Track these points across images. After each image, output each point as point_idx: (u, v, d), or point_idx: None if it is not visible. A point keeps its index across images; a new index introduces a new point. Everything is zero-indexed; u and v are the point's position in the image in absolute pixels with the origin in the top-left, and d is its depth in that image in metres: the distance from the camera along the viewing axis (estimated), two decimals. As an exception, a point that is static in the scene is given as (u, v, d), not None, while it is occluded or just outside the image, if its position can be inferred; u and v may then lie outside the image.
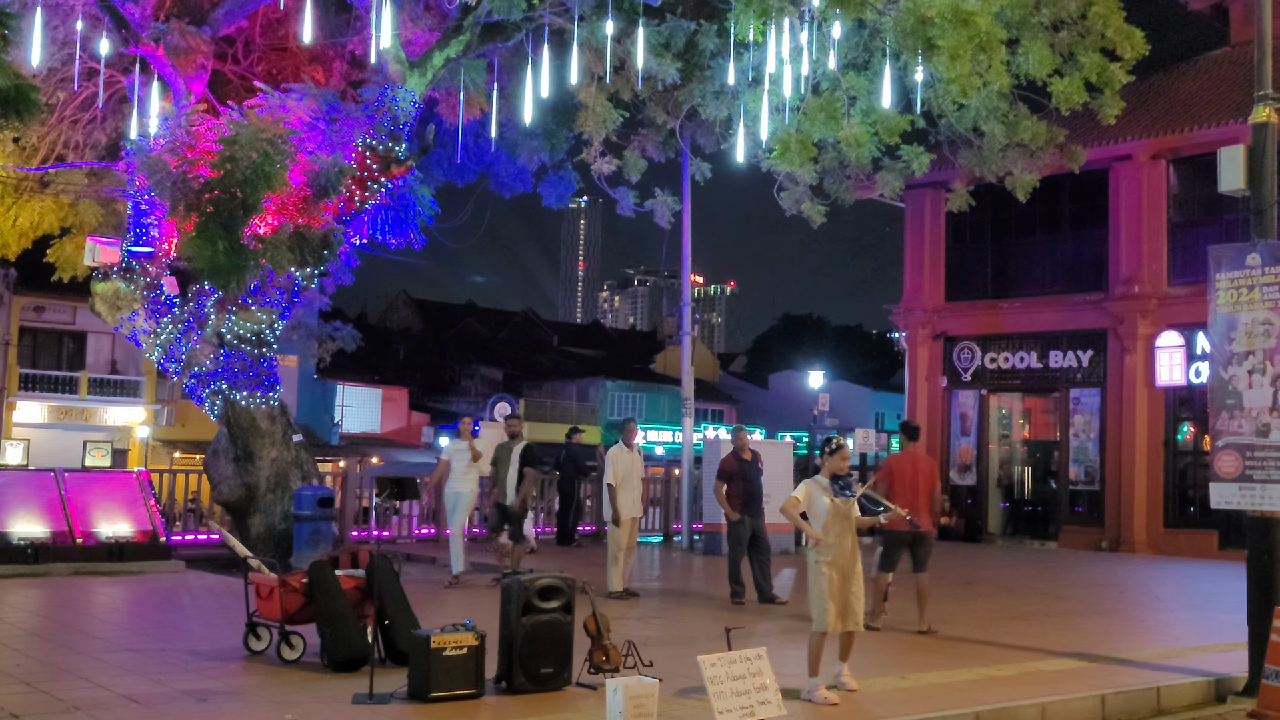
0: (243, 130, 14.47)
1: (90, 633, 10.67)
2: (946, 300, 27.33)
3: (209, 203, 14.50)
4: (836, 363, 67.51)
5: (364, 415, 53.78)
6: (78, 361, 44.87)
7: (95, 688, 8.28)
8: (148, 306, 16.37)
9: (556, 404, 63.31)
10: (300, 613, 9.36)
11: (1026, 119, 17.63)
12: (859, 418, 51.85)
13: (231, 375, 16.16)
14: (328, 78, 18.14)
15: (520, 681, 8.45)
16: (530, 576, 8.74)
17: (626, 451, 14.42)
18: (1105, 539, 24.05)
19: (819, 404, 27.75)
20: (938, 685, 9.28)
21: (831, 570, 8.84)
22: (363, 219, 17.16)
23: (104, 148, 18.28)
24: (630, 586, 14.35)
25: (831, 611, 8.79)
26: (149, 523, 15.84)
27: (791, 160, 16.61)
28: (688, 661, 8.59)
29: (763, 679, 7.51)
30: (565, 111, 19.12)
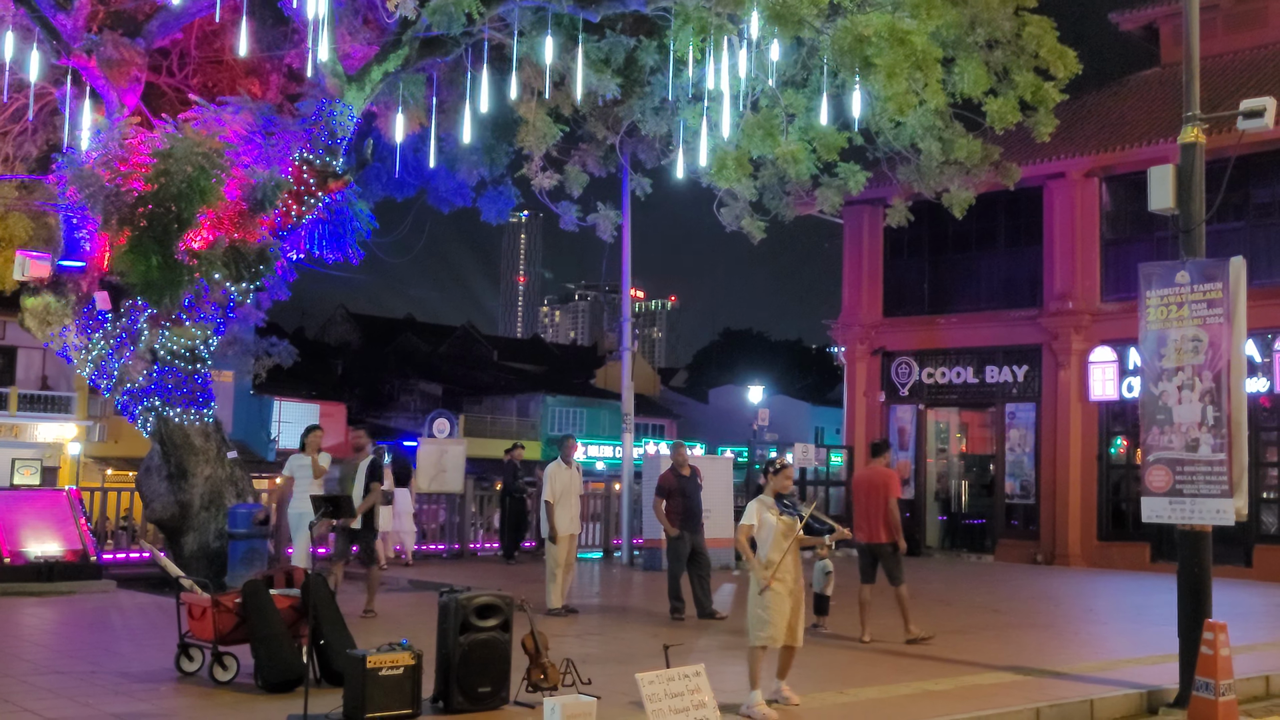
0: (177, 144, 14.30)
1: (17, 654, 10.45)
2: (884, 315, 27.55)
3: (143, 217, 14.31)
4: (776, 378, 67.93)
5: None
6: (7, 377, 44.03)
7: (21, 711, 8.11)
8: (79, 322, 16.10)
9: (497, 419, 63.06)
10: (234, 633, 9.23)
11: (962, 137, 17.84)
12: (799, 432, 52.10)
13: (165, 392, 15.91)
14: (264, 91, 17.97)
15: (458, 701, 8.39)
16: (468, 595, 8.67)
17: (564, 468, 14.36)
18: (1041, 552, 24.32)
19: (758, 419, 27.83)
20: (876, 700, 9.32)
21: (779, 588, 8.89)
22: (300, 234, 16.99)
23: (35, 160, 17.96)
24: (569, 603, 14.29)
25: (777, 631, 8.85)
26: (79, 542, 15.55)
27: (729, 177, 16.69)
28: (627, 679, 8.55)
29: (701, 696, 7.50)
30: (505, 126, 19.10)
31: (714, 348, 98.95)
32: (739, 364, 78.94)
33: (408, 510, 20.25)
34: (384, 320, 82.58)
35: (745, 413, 46.80)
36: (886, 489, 12.73)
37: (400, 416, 61.35)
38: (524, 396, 66.27)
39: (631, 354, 23.61)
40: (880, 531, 12.66)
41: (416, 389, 65.13)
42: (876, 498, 12.69)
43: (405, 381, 65.97)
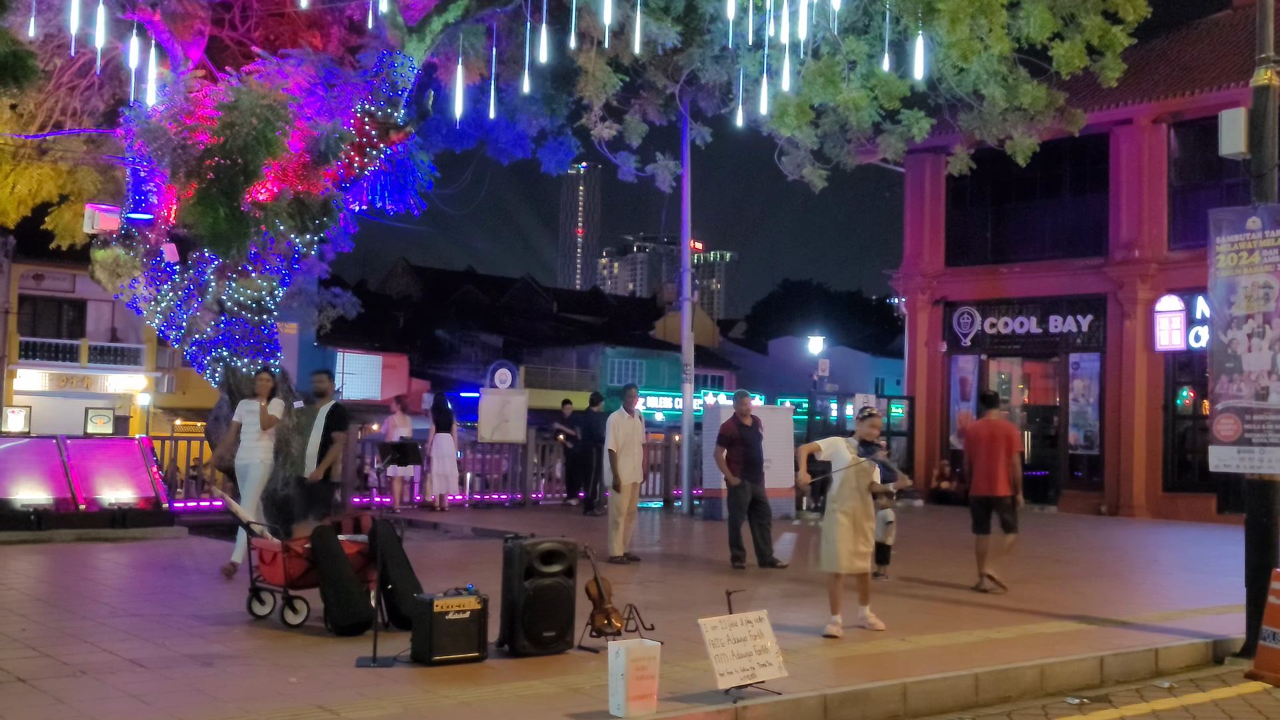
0: (243, 96, 14.41)
1: (95, 598, 10.73)
2: (946, 265, 27.30)
3: (209, 169, 14.45)
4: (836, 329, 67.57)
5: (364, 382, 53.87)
6: (78, 329, 44.89)
7: (101, 652, 8.34)
8: (148, 274, 16.34)
9: (556, 371, 63.36)
10: (304, 578, 9.42)
11: (1027, 83, 17.57)
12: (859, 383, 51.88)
13: (232, 342, 16.15)
14: (325, 43, 18.03)
15: (523, 645, 8.51)
16: (532, 541, 8.78)
17: (627, 417, 14.45)
18: (1104, 503, 24.13)
19: (819, 369, 27.77)
20: (938, 648, 9.34)
21: (845, 518, 9.79)
22: (362, 185, 17.10)
23: (102, 115, 18.18)
24: (631, 551, 14.41)
25: (841, 554, 9.69)
26: (151, 489, 15.90)
27: (790, 124, 16.58)
28: (689, 625, 8.65)
29: (764, 641, 7.56)
30: (565, 76, 19.06)
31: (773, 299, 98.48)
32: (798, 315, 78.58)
33: (450, 454, 20.53)
34: (445, 272, 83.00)
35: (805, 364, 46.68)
36: (1009, 442, 12.63)
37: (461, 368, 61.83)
38: (583, 348, 66.50)
39: (691, 305, 23.59)
40: (1002, 484, 12.60)
41: (477, 340, 65.56)
42: (997, 450, 12.60)
43: (466, 333, 66.40)
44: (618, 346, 67.03)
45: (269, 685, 7.49)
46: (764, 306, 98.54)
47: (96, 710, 6.78)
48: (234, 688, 7.41)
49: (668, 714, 7.05)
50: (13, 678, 7.52)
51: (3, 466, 15.38)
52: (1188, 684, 9.08)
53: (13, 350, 42.67)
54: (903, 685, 8.04)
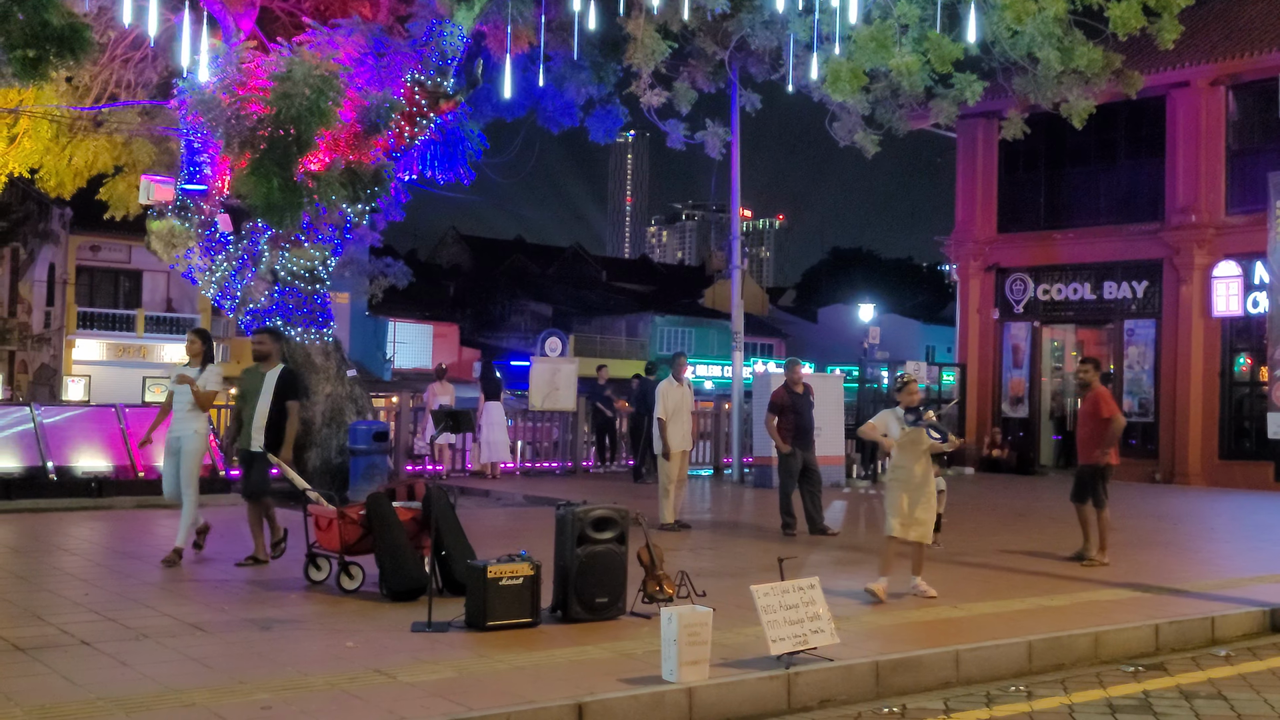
0: (295, 66, 14.49)
1: (154, 564, 10.91)
2: (999, 231, 27.04)
3: (262, 140, 14.57)
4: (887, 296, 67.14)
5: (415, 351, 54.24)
6: (134, 299, 45.49)
7: (161, 616, 8.49)
8: (202, 244, 16.53)
9: (606, 339, 63.48)
10: (359, 544, 9.53)
11: (1082, 45, 17.34)
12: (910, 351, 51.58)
13: (286, 312, 16.32)
14: (375, 13, 18.07)
15: (576, 611, 8.57)
16: (584, 508, 8.82)
17: (676, 385, 14.47)
18: (1159, 471, 23.90)
19: (869, 337, 27.59)
20: (990, 615, 9.32)
21: (899, 487, 9.84)
22: (412, 155, 17.19)
23: (156, 86, 18.37)
24: (682, 518, 14.46)
25: (895, 522, 9.80)
26: (208, 457, 16.09)
27: (842, 90, 16.47)
28: (740, 591, 8.67)
29: (816, 608, 7.57)
30: (613, 44, 19.02)
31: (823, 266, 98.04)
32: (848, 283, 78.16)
33: (500, 422, 20.66)
34: (494, 241, 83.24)
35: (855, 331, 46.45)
36: (1097, 410, 12.44)
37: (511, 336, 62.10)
38: (632, 316, 66.57)
39: (741, 273, 23.54)
40: (1090, 451, 12.46)
41: (527, 309, 65.80)
42: (1086, 419, 12.48)
43: (516, 302, 66.65)
44: (667, 315, 67.04)
45: (326, 649, 7.60)
46: (814, 274, 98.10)
47: (158, 672, 6.91)
48: (292, 651, 7.52)
49: (720, 679, 7.09)
50: (77, 641, 7.67)
51: (64, 435, 15.65)
52: (1245, 652, 9.00)
53: (71, 321, 43.32)
54: (955, 652, 8.02)
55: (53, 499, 14.89)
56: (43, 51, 11.99)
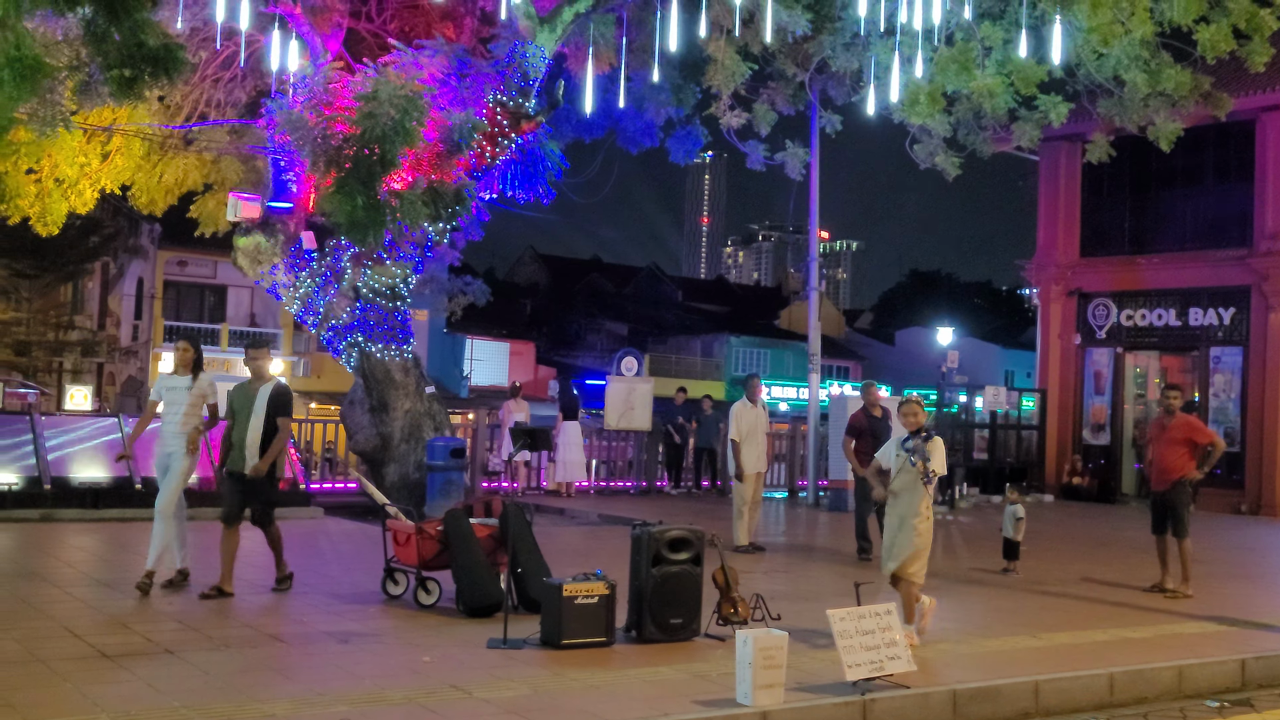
0: (381, 87, 14.72)
1: (237, 575, 11.05)
2: (1081, 256, 26.66)
3: (347, 159, 14.80)
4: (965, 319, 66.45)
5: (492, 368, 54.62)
6: (219, 314, 46.33)
7: (244, 626, 8.63)
8: (287, 261, 16.80)
9: (681, 359, 63.48)
10: (436, 559, 9.62)
11: (1170, 67, 17.08)
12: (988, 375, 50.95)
13: (367, 328, 16.53)
14: (458, 34, 18.31)
15: (650, 631, 8.58)
16: (660, 529, 8.84)
17: (750, 407, 14.45)
18: (1245, 502, 23.36)
19: (948, 361, 27.32)
20: (1070, 646, 9.18)
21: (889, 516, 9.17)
22: (493, 174, 17.35)
23: (244, 106, 18.73)
24: (756, 541, 14.41)
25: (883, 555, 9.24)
26: (289, 470, 16.33)
27: (923, 112, 16.39)
28: (815, 616, 8.63)
29: (892, 634, 7.52)
30: (694, 65, 19.08)
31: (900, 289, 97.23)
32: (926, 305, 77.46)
33: (576, 441, 20.74)
34: (571, 260, 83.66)
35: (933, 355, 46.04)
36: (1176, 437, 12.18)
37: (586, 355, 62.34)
38: (708, 337, 66.51)
39: (818, 294, 23.45)
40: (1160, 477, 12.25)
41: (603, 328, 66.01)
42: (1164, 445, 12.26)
43: (592, 321, 66.90)
44: (742, 335, 66.90)
45: (403, 664, 7.68)
46: (891, 296, 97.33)
47: (241, 682, 7.02)
48: (370, 665, 7.61)
49: (795, 704, 7.05)
50: (161, 649, 7.82)
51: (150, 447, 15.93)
52: (1335, 690, 8.78)
53: (158, 334, 44.21)
54: (1035, 683, 7.91)
55: (139, 509, 15.13)
56: (138, 71, 12.25)
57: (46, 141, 15.78)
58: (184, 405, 10.21)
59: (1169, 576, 12.10)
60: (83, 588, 9.77)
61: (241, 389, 10.38)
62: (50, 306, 44.77)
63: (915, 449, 8.95)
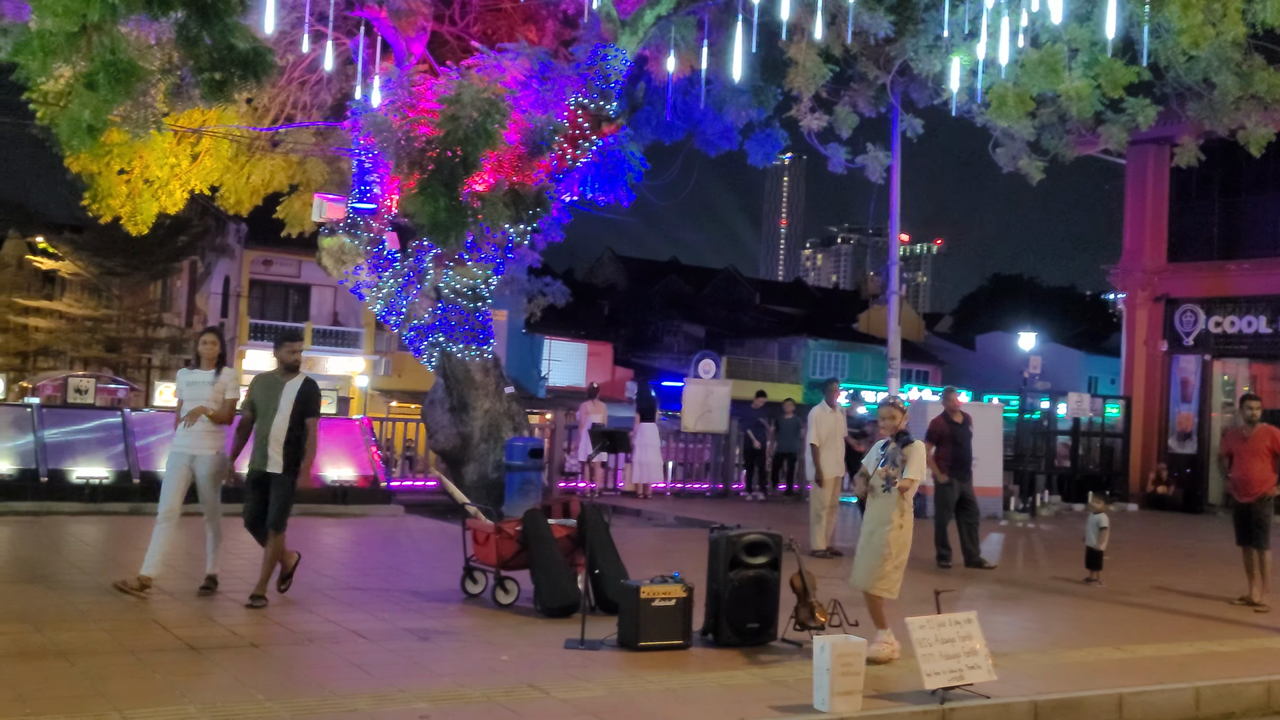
0: (464, 89, 14.87)
1: (320, 571, 11.25)
2: (1169, 261, 26.18)
3: (430, 161, 14.97)
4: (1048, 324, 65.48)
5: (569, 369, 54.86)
6: (302, 313, 47.07)
7: (326, 622, 8.76)
8: (370, 261, 17.04)
9: (759, 362, 63.27)
10: (515, 559, 9.68)
11: (1262, 69, 16.76)
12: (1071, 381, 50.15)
13: (448, 328, 16.71)
14: (540, 37, 18.45)
15: (727, 635, 8.57)
16: (737, 532, 8.82)
17: (829, 412, 14.38)
18: (1337, 514, 22.79)
19: (1030, 366, 26.92)
20: (1155, 658, 9.02)
21: (863, 531, 8.88)
22: (574, 176, 17.46)
23: (330, 108, 19.02)
24: (833, 545, 14.32)
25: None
26: (371, 468, 16.56)
27: (1008, 115, 16.20)
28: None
29: (973, 643, 7.44)
30: (774, 68, 19.03)
31: (981, 293, 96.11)
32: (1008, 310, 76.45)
33: (654, 443, 20.75)
34: (649, 262, 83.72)
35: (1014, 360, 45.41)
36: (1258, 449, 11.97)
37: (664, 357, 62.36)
38: (785, 339, 66.22)
39: (898, 298, 23.26)
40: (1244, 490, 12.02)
41: (680, 330, 66.00)
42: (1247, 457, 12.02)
43: (669, 322, 66.91)
44: (820, 339, 66.50)
45: (482, 662, 7.74)
46: (972, 300, 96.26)
47: (322, 677, 7.13)
48: (449, 662, 7.68)
49: (873, 711, 7.01)
50: (247, 643, 7.97)
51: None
52: None
53: (243, 332, 45.00)
54: (1118, 695, 7.79)
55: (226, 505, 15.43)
56: (228, 75, 12.50)
57: (138, 143, 16.15)
58: (204, 401, 9.56)
59: (1256, 589, 11.85)
60: (168, 580, 9.96)
61: (264, 381, 9.65)
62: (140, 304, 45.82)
63: (890, 455, 8.60)
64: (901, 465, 8.53)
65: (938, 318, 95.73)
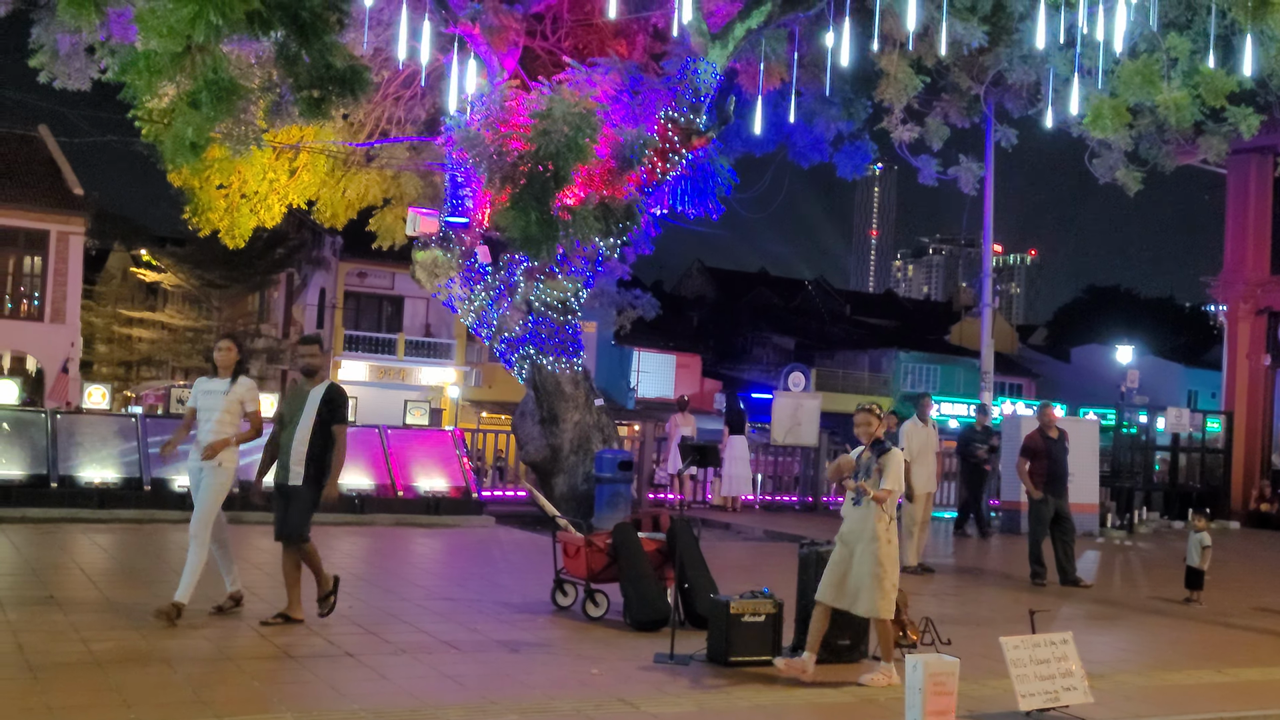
0: (556, 104, 14.99)
1: (413, 581, 11.41)
2: (1272, 273, 25.56)
3: (522, 175, 15.12)
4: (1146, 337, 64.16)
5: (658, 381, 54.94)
6: (395, 324, 47.76)
7: (419, 633, 8.87)
8: (463, 274, 17.24)
9: (849, 374, 62.84)
10: (604, 572, 9.73)
11: (1372, 77, 16.28)
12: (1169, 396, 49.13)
13: (539, 341, 16.84)
14: (631, 51, 18.53)
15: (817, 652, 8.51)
16: (828, 548, 8.77)
17: (921, 426, 14.26)
18: None
19: (1127, 380, 26.41)
20: (1258, 683, 8.80)
21: (839, 543, 8.17)
22: (663, 190, 17.51)
23: (423, 123, 19.29)
24: (925, 562, 14.18)
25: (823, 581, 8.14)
26: (462, 479, 16.75)
27: (1105, 126, 15.93)
28: (987, 641, 8.46)
29: (1069, 664, 7.32)
30: (865, 79, 18.93)
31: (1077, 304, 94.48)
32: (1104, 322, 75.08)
33: (743, 456, 20.69)
34: (738, 274, 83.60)
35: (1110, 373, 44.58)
36: None
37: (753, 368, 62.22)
38: (876, 351, 65.68)
39: (991, 310, 22.98)
40: None
41: (769, 342, 65.80)
42: None
43: (758, 334, 66.76)
44: (911, 351, 65.87)
45: (572, 675, 7.79)
46: (1067, 312, 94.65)
47: (416, 688, 7.22)
48: (540, 675, 7.74)
49: (965, 732, 6.93)
50: (342, 652, 8.10)
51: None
52: None
53: (338, 343, 45.77)
54: (1219, 720, 7.62)
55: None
56: (326, 92, 12.77)
57: (238, 159, 16.51)
58: (218, 412, 8.98)
59: None
60: (263, 588, 10.16)
61: (291, 390, 9.20)
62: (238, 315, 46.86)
63: (865, 465, 8.04)
64: (877, 475, 7.97)
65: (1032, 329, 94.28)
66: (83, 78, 16.47)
